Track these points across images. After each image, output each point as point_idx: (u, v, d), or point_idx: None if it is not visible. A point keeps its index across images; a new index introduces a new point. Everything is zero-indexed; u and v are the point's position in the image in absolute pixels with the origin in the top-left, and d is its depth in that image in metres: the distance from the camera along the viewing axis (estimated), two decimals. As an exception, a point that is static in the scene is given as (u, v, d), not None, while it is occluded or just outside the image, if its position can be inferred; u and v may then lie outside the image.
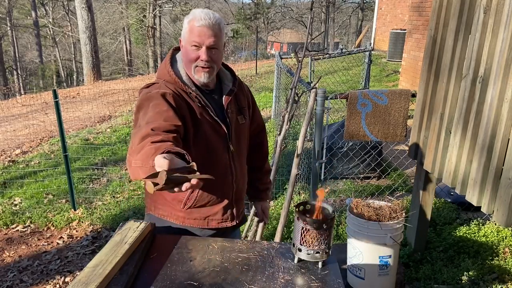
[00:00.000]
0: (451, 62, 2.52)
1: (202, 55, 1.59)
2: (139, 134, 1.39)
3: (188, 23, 1.60)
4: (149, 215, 1.81)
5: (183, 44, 1.64)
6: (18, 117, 8.77)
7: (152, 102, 1.53)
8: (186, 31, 1.60)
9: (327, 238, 1.49)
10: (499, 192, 2.13)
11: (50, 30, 28.99)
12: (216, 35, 1.59)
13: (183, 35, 1.62)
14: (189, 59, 1.62)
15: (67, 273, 3.17)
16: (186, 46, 1.62)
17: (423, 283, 2.76)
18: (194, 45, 1.59)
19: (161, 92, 1.55)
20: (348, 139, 3.19)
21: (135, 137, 1.40)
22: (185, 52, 1.63)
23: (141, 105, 1.57)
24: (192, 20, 1.58)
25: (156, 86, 1.61)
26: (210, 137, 1.67)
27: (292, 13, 33.92)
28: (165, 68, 1.66)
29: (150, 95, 1.56)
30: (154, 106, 1.51)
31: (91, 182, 4.86)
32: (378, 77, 10.85)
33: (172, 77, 1.62)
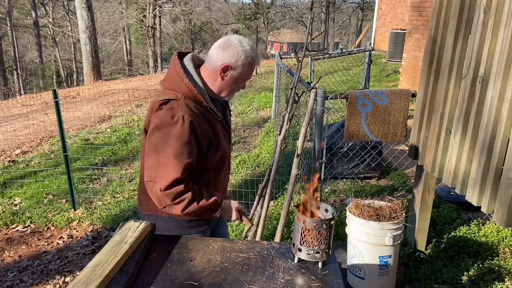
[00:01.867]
0: (451, 62, 2.52)
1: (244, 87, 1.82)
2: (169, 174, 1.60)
3: (248, 59, 1.72)
4: (155, 215, 1.86)
5: (235, 72, 1.73)
6: (18, 117, 8.77)
7: (176, 129, 1.61)
8: (246, 66, 1.73)
9: (327, 238, 1.49)
10: (499, 192, 2.13)
11: (50, 30, 28.99)
12: None
13: (240, 65, 1.72)
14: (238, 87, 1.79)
15: (67, 273, 3.17)
16: (239, 77, 1.75)
17: (423, 283, 2.75)
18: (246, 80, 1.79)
19: (188, 120, 1.62)
20: (348, 139, 3.19)
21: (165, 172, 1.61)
22: (234, 81, 1.75)
23: (163, 125, 1.62)
24: (254, 59, 1.74)
25: (177, 105, 1.65)
26: (223, 143, 1.82)
27: (292, 13, 33.91)
28: (182, 82, 1.68)
29: (176, 119, 1.62)
30: (179, 135, 1.61)
31: (91, 182, 4.86)
32: (378, 77, 10.85)
33: (194, 92, 1.68)
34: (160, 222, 1.78)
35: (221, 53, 1.71)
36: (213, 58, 1.72)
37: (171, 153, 1.60)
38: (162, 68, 27.53)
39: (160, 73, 19.77)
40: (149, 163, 1.65)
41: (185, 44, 31.74)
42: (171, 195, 1.63)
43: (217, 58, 1.71)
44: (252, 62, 1.74)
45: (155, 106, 1.68)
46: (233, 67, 1.71)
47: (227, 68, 1.71)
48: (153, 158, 1.63)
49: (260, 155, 5.42)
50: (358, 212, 1.83)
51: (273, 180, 2.67)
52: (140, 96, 9.32)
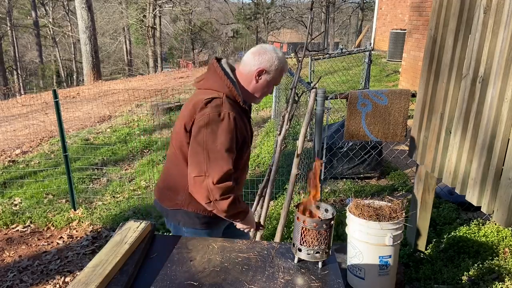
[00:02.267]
0: (451, 62, 2.52)
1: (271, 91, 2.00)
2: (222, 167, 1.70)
3: (280, 64, 1.88)
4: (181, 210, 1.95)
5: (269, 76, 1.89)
6: (18, 117, 8.77)
7: (224, 125, 1.74)
8: (278, 72, 1.89)
9: (327, 238, 1.49)
10: (499, 192, 2.13)
11: (50, 30, 28.98)
12: None
13: (273, 70, 1.88)
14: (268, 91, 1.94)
15: (67, 273, 3.17)
16: (271, 81, 1.91)
17: (423, 283, 2.75)
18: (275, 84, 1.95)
19: (232, 116, 1.76)
20: (348, 139, 3.19)
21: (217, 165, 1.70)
22: (267, 84, 1.91)
23: (211, 123, 1.74)
24: (284, 66, 1.91)
25: (221, 103, 1.78)
26: (250, 143, 1.98)
27: (292, 13, 33.90)
28: (223, 82, 1.83)
29: (222, 116, 1.75)
30: (227, 130, 1.74)
31: (91, 182, 4.86)
32: (378, 77, 10.84)
33: (233, 93, 1.83)
34: (185, 217, 1.93)
35: (257, 58, 1.87)
36: (249, 62, 1.88)
37: (221, 147, 1.71)
38: (162, 68, 27.53)
39: (160, 73, 19.77)
40: (197, 159, 1.73)
41: (185, 44, 31.75)
42: (222, 189, 1.70)
43: (253, 62, 1.87)
44: (283, 68, 1.90)
45: (199, 104, 1.78)
46: (268, 71, 1.87)
47: (261, 72, 1.87)
48: (202, 154, 1.72)
49: (260, 155, 5.42)
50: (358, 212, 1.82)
51: (273, 180, 2.67)
52: (140, 96, 9.33)
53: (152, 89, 10.67)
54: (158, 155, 5.63)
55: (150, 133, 6.85)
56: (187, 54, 32.26)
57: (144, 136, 6.63)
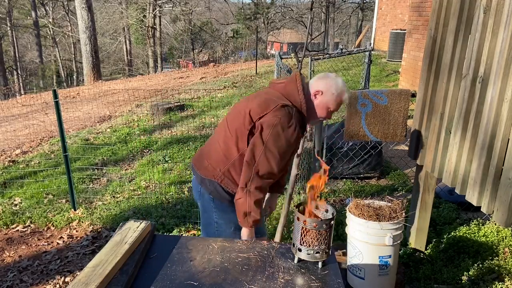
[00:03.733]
0: (451, 62, 2.52)
1: (328, 116, 2.09)
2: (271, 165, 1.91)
3: (338, 92, 2.03)
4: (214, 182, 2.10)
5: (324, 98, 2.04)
6: (18, 117, 8.77)
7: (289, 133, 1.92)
8: (334, 98, 2.03)
9: (327, 238, 1.49)
10: (499, 192, 2.13)
11: (50, 30, 28.98)
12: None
13: (330, 95, 2.03)
14: (322, 114, 2.07)
15: (67, 273, 3.17)
16: (326, 105, 2.05)
17: (423, 283, 2.75)
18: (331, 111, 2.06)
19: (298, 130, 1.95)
20: (348, 139, 3.19)
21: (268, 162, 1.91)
22: (323, 107, 2.05)
23: (279, 126, 1.91)
24: (342, 94, 2.04)
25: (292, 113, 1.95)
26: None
27: (292, 13, 33.89)
28: (299, 98, 2.01)
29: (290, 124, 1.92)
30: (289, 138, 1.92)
31: (91, 182, 4.86)
32: (378, 77, 10.84)
33: (303, 109, 2.01)
34: (217, 189, 2.09)
35: (319, 81, 2.06)
36: (312, 85, 2.07)
37: (278, 150, 1.91)
38: (162, 68, 27.53)
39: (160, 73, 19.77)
40: (255, 149, 1.92)
41: (185, 44, 31.75)
42: (260, 183, 1.91)
43: (315, 85, 2.06)
44: (339, 95, 2.03)
45: (275, 105, 1.95)
46: (324, 93, 2.03)
47: (318, 92, 2.04)
48: (261, 147, 1.91)
49: (260, 155, 5.41)
50: (358, 212, 1.82)
51: (273, 180, 2.66)
52: (140, 96, 9.33)
53: (152, 89, 10.67)
54: (158, 155, 5.63)
55: (150, 133, 6.84)
56: (187, 54, 32.26)
57: (144, 136, 6.63)
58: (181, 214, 3.90)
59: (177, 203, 4.17)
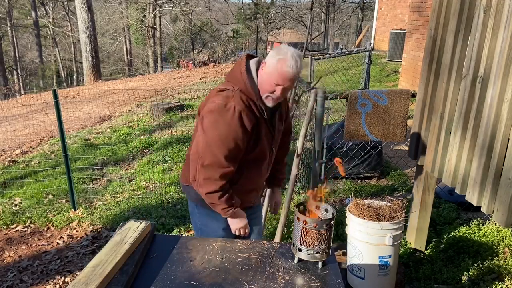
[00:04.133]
0: (451, 62, 2.52)
1: (277, 92, 1.82)
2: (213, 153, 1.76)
3: (277, 60, 1.77)
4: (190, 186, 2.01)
5: (265, 70, 1.81)
6: (18, 117, 8.76)
7: (227, 116, 1.76)
8: (274, 67, 1.78)
9: (327, 238, 1.49)
10: (499, 192, 2.12)
11: (50, 30, 28.97)
12: (294, 79, 1.80)
13: (270, 66, 1.79)
14: (265, 88, 1.83)
15: (67, 273, 3.17)
16: (268, 77, 1.81)
17: (423, 283, 2.75)
18: (275, 83, 1.80)
19: (238, 110, 1.76)
20: (348, 139, 3.19)
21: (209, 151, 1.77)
22: (266, 80, 1.82)
23: (215, 110, 1.79)
24: (283, 61, 1.76)
25: (231, 95, 1.80)
26: (264, 143, 1.93)
27: (292, 13, 33.87)
28: (241, 77, 1.84)
29: (228, 107, 1.77)
30: (228, 122, 1.76)
31: (91, 182, 4.86)
32: (378, 77, 10.84)
33: (248, 89, 1.82)
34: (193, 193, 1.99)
35: (269, 53, 1.86)
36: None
37: (218, 137, 1.77)
38: (162, 68, 27.52)
39: (160, 73, 19.77)
40: (198, 139, 1.83)
41: (185, 44, 31.75)
42: (206, 174, 1.79)
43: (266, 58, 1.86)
44: (281, 64, 1.75)
45: (213, 93, 1.86)
46: (267, 64, 1.82)
47: (263, 65, 1.84)
48: (202, 138, 1.81)
49: (260, 155, 5.42)
50: (358, 212, 1.82)
51: (273, 180, 2.66)
52: (140, 96, 9.32)
53: (152, 89, 10.66)
54: (158, 155, 5.63)
55: (150, 133, 6.84)
56: (187, 54, 32.24)
57: (144, 136, 6.63)
58: (181, 214, 3.90)
59: (177, 203, 4.17)
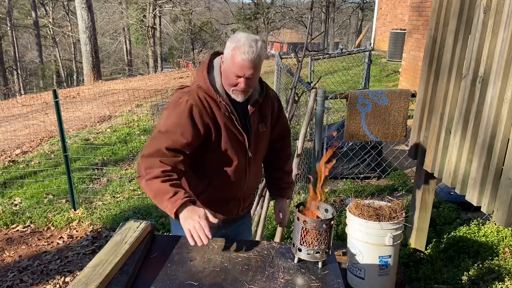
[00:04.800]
0: (451, 62, 2.52)
1: (241, 84, 1.69)
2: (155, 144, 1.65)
3: (231, 50, 1.65)
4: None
5: (224, 64, 1.71)
6: (18, 117, 8.76)
7: (178, 109, 1.68)
8: (229, 57, 1.66)
9: (327, 238, 1.49)
10: (499, 192, 2.12)
11: (50, 30, 28.97)
12: (255, 67, 1.67)
13: (226, 58, 1.68)
14: (228, 82, 1.72)
15: (67, 273, 3.17)
16: (227, 70, 1.70)
17: (423, 283, 2.75)
18: (235, 75, 1.68)
19: (189, 104, 1.68)
20: (348, 139, 3.19)
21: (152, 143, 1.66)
22: (225, 74, 1.71)
23: (169, 106, 1.73)
24: (236, 50, 1.63)
25: (188, 91, 1.72)
26: (231, 144, 1.77)
27: (292, 13, 33.88)
28: (201, 74, 1.75)
29: (180, 101, 1.69)
30: (178, 115, 1.67)
31: (91, 182, 4.86)
32: (378, 77, 10.84)
33: (206, 84, 1.72)
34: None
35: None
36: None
37: (163, 128, 1.67)
38: (162, 68, 27.52)
39: (160, 73, 19.76)
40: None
41: (185, 44, 31.74)
42: (147, 163, 1.63)
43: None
44: (235, 52, 1.63)
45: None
46: (223, 57, 1.71)
47: (222, 59, 1.73)
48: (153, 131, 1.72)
49: (260, 155, 5.42)
50: (358, 212, 1.83)
51: (273, 180, 2.66)
52: (140, 96, 9.32)
53: (152, 89, 10.66)
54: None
55: (150, 133, 6.84)
56: (187, 54, 32.25)
57: (144, 136, 6.63)
58: (181, 214, 3.89)
59: (177, 203, 4.17)
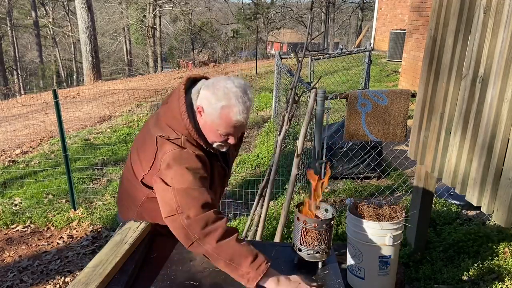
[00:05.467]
0: (451, 62, 2.52)
1: (231, 141, 1.56)
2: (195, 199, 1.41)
3: (221, 108, 1.46)
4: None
5: (206, 119, 1.52)
6: (18, 117, 8.76)
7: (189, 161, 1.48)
8: (217, 115, 1.48)
9: (327, 238, 1.49)
10: (499, 192, 2.12)
11: (50, 30, 28.98)
12: (247, 120, 1.53)
13: (212, 114, 1.49)
14: (213, 139, 1.56)
15: (67, 273, 3.17)
16: (212, 127, 1.52)
17: (423, 283, 2.75)
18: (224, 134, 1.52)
19: (196, 154, 1.50)
20: (348, 139, 3.19)
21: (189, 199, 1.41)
22: (210, 129, 1.53)
23: (175, 162, 1.48)
24: (227, 109, 1.46)
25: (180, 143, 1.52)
26: (216, 182, 1.68)
27: (292, 13, 33.89)
28: (183, 122, 1.51)
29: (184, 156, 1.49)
30: (192, 170, 1.47)
31: (91, 182, 4.86)
32: (378, 77, 10.85)
33: (194, 136, 1.53)
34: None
35: (204, 91, 1.52)
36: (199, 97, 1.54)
37: (190, 185, 1.44)
38: (162, 68, 27.53)
39: (160, 73, 19.77)
40: (166, 198, 1.46)
41: (185, 44, 31.75)
42: (202, 221, 1.39)
43: (200, 97, 1.53)
44: (226, 112, 1.46)
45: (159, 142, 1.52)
46: (205, 110, 1.51)
47: (199, 109, 1.53)
48: (171, 193, 1.44)
49: (260, 155, 5.42)
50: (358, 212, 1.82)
51: (273, 180, 2.67)
52: (140, 96, 9.32)
53: (152, 89, 10.66)
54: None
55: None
56: (187, 54, 32.26)
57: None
58: (181, 214, 3.90)
59: (177, 203, 4.17)
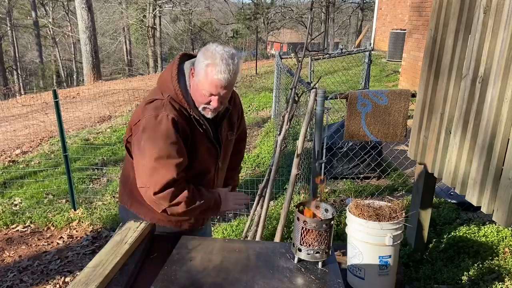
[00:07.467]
0: (451, 62, 2.52)
1: (214, 103, 1.59)
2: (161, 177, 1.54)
3: (206, 66, 1.52)
4: (124, 208, 1.85)
5: (195, 79, 1.59)
6: (18, 117, 8.76)
7: (161, 127, 1.54)
8: (202, 73, 1.54)
9: (327, 238, 1.49)
10: (499, 192, 2.12)
11: (50, 30, 28.97)
12: (231, 85, 1.57)
13: (198, 73, 1.56)
14: (199, 99, 1.60)
15: (67, 273, 3.17)
16: (198, 86, 1.57)
17: (423, 283, 2.76)
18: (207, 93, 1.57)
19: (171, 118, 1.54)
20: (348, 139, 3.19)
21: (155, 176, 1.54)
22: (196, 89, 1.59)
23: (148, 127, 1.56)
24: (211, 67, 1.51)
25: (161, 105, 1.58)
26: (204, 157, 1.72)
27: (292, 13, 33.88)
28: (171, 83, 1.60)
29: (160, 118, 1.54)
30: (164, 134, 1.53)
31: (91, 182, 4.86)
32: (378, 77, 10.85)
33: (179, 97, 1.60)
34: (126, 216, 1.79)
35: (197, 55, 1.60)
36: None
37: (159, 154, 1.54)
38: (162, 68, 27.53)
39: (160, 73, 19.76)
40: (139, 168, 1.59)
41: (185, 44, 31.75)
42: (167, 198, 1.59)
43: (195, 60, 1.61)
44: (209, 70, 1.52)
45: (142, 105, 1.63)
46: (195, 71, 1.59)
47: (192, 71, 1.61)
48: (142, 163, 1.57)
49: (260, 155, 5.42)
50: (358, 212, 1.82)
51: (273, 180, 2.67)
52: (140, 96, 9.31)
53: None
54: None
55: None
56: (187, 54, 32.22)
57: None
58: (181, 214, 3.90)
59: (177, 203, 4.17)
